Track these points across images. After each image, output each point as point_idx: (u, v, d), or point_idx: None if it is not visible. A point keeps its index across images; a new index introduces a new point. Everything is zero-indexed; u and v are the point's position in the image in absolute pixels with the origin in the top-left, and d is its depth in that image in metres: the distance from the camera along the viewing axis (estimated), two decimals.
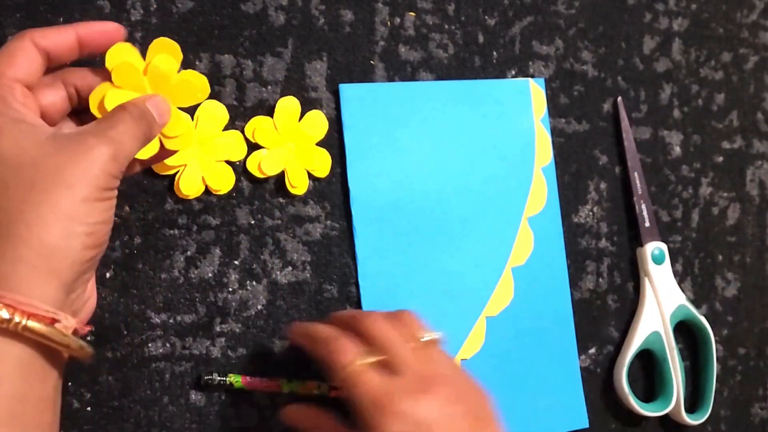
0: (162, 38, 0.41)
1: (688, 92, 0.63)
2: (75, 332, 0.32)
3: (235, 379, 0.46)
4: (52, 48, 0.36)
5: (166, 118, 0.39)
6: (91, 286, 0.36)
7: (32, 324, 0.30)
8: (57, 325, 0.31)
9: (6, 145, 0.32)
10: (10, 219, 0.31)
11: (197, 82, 0.42)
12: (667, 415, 0.59)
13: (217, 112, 0.47)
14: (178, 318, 0.47)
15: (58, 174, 0.32)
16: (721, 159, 0.64)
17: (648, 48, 0.62)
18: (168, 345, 0.47)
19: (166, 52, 0.41)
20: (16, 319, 0.29)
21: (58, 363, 0.32)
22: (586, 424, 0.57)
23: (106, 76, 0.39)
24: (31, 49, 0.36)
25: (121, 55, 0.38)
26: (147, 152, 0.40)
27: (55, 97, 0.38)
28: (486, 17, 0.56)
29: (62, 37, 0.37)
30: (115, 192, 0.34)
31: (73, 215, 0.32)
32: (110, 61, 0.38)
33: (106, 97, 0.38)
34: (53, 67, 0.38)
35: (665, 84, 0.62)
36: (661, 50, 0.62)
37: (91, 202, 0.32)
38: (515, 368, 0.55)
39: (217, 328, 0.48)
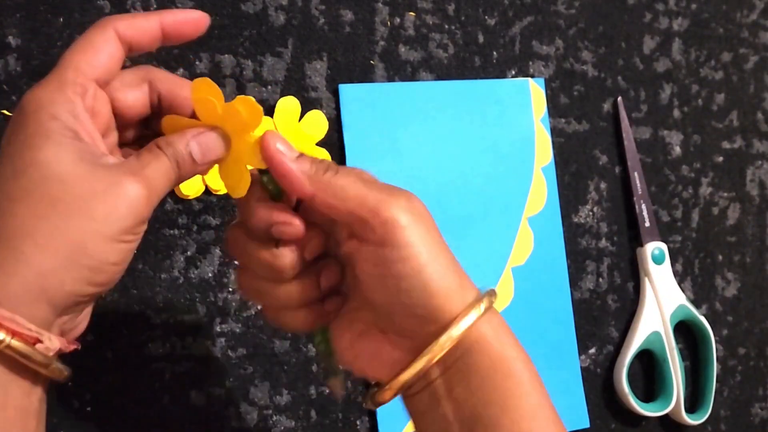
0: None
1: (688, 92, 0.63)
2: (60, 350, 0.31)
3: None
4: (135, 39, 0.34)
5: (209, 158, 0.35)
6: (87, 310, 0.35)
7: (15, 343, 0.29)
8: (38, 345, 0.30)
9: (46, 153, 0.30)
10: (22, 231, 0.30)
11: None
12: (667, 415, 0.59)
13: None
14: (178, 318, 0.47)
15: (85, 203, 0.30)
16: (721, 159, 0.64)
17: (648, 48, 0.62)
18: (168, 345, 0.47)
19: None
20: (0, 336, 0.29)
21: (42, 376, 0.31)
22: (586, 424, 0.57)
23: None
24: (114, 41, 0.33)
25: (245, 104, 0.35)
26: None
27: (137, 98, 0.36)
28: (486, 17, 0.56)
29: (146, 27, 0.34)
30: (139, 237, 0.33)
31: (86, 249, 0.30)
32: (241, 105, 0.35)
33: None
34: (131, 56, 0.36)
35: (665, 84, 0.62)
36: (661, 50, 0.62)
37: (111, 242, 0.31)
38: None
39: (217, 328, 0.48)
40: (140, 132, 0.37)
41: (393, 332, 0.35)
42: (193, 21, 0.36)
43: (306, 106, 0.50)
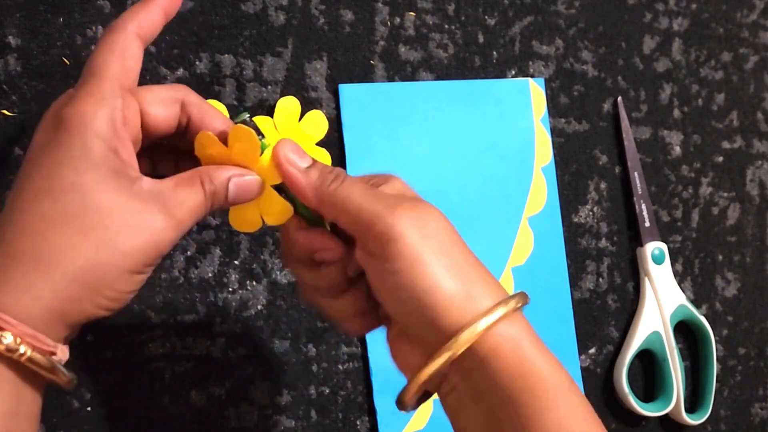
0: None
1: (688, 92, 0.63)
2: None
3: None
4: (148, 34, 0.34)
5: (240, 201, 0.36)
6: None
7: (35, 356, 0.30)
8: (53, 357, 0.31)
9: (87, 178, 0.31)
10: (54, 258, 0.30)
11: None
12: (667, 415, 0.59)
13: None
14: (178, 318, 0.47)
15: (117, 237, 0.31)
16: (721, 159, 0.64)
17: (648, 48, 0.62)
18: (168, 345, 0.47)
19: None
20: (21, 350, 0.30)
21: (43, 383, 0.33)
22: None
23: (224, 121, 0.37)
24: (137, 43, 0.33)
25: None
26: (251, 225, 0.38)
27: (167, 116, 0.35)
28: (486, 17, 0.56)
29: (154, 19, 0.35)
30: (155, 265, 0.33)
31: (110, 282, 0.31)
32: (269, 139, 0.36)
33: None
34: None
35: (665, 84, 0.62)
36: (661, 50, 0.62)
37: (133, 274, 0.32)
38: None
39: (217, 328, 0.48)
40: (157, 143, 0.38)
41: (410, 338, 0.36)
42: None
43: (306, 106, 0.50)
